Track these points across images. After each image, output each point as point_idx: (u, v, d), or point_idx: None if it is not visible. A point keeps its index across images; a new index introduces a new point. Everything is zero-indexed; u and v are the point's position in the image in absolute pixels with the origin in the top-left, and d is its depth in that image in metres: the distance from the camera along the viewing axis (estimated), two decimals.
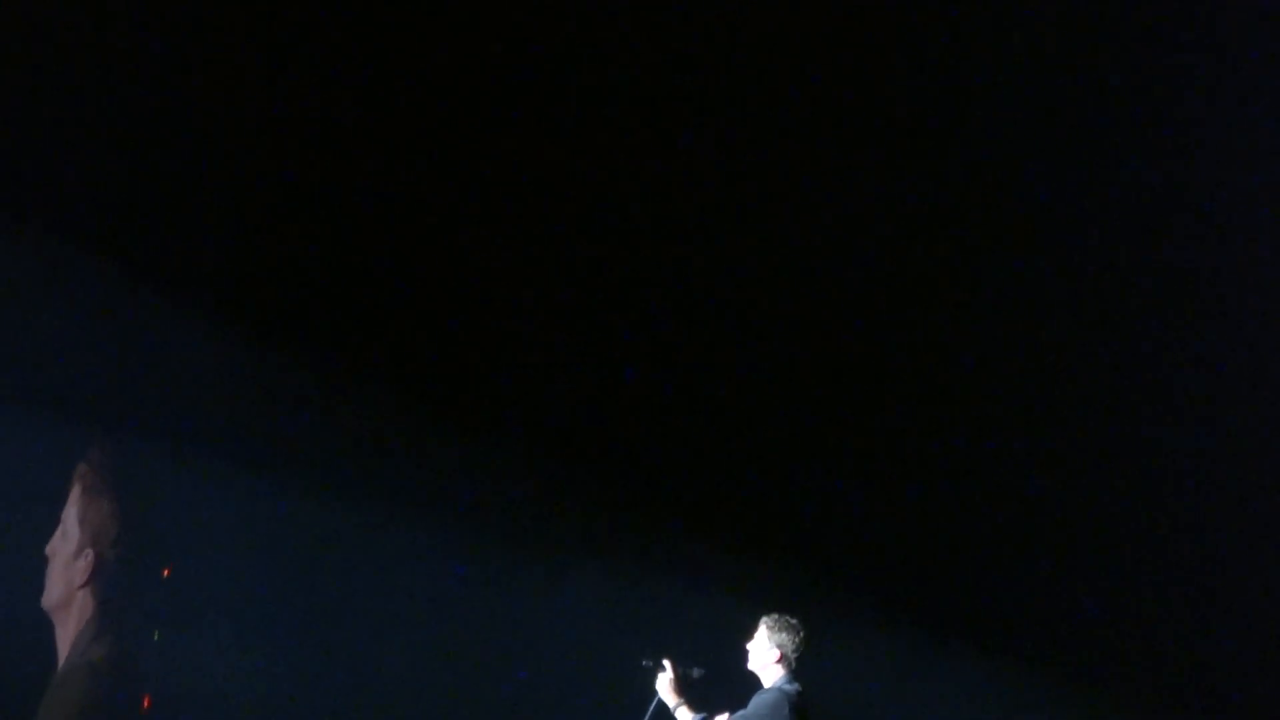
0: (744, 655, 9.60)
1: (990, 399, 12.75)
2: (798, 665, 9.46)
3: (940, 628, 12.12)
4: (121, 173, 12.44)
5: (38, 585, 11.73)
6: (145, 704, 11.41)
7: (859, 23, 12.81)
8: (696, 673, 9.54)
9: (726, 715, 9.34)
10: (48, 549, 11.75)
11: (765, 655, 9.46)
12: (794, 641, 9.44)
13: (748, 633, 9.60)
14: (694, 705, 9.44)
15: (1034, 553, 12.56)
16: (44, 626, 11.71)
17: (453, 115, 12.80)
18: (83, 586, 11.58)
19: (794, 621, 9.53)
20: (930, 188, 12.75)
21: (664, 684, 9.50)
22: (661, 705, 9.53)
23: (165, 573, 11.63)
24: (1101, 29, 12.79)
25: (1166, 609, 12.37)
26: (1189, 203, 12.79)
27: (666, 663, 9.53)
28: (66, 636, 11.54)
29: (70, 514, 11.79)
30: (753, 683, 9.54)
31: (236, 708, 11.73)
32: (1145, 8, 12.71)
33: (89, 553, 11.61)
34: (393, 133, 12.69)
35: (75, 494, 11.84)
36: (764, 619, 9.57)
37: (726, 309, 12.88)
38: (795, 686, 9.39)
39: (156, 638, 11.47)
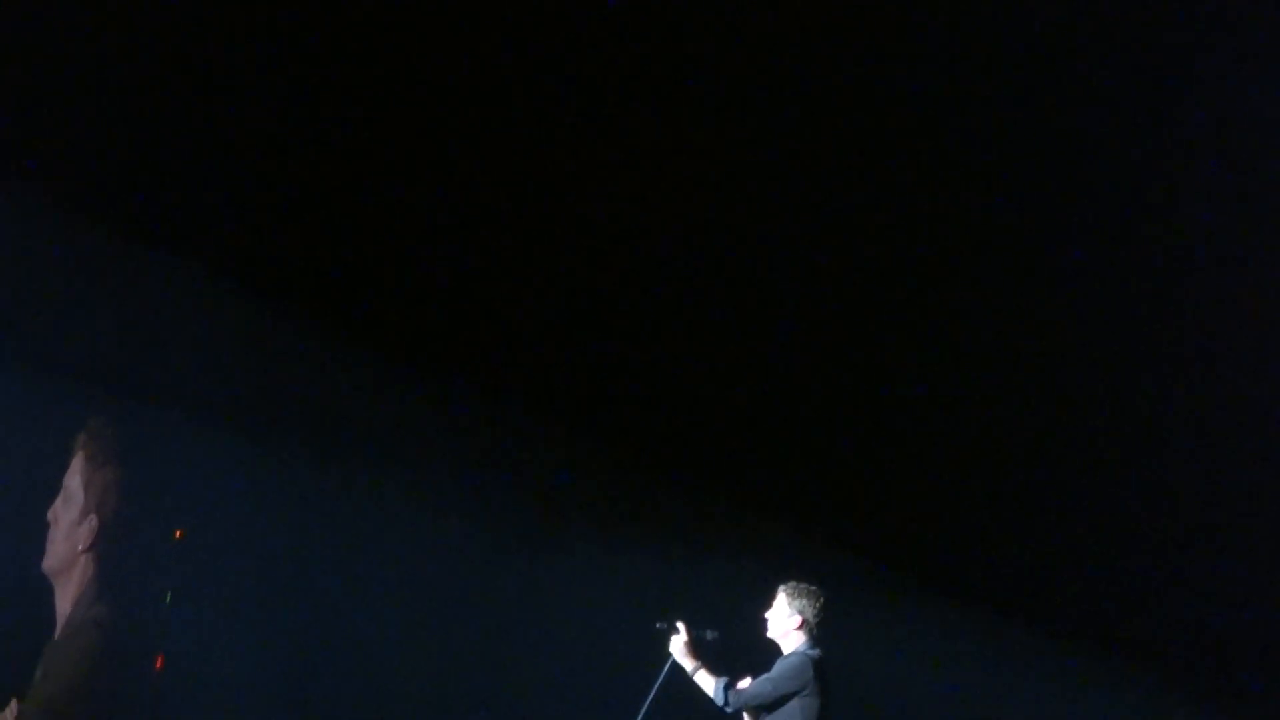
0: (762, 624, 9.55)
1: (1021, 361, 12.72)
2: (818, 631, 9.42)
3: (960, 595, 12.09)
4: (127, 134, 12.34)
5: (37, 550, 11.62)
6: (158, 664, 11.35)
7: (857, 21, 12.77)
8: (710, 635, 9.53)
9: (749, 679, 9.29)
10: (49, 514, 11.69)
11: (785, 622, 9.47)
12: (814, 607, 9.46)
13: (765, 601, 9.57)
14: (712, 669, 9.38)
15: (1055, 518, 12.55)
16: (43, 590, 11.60)
17: (453, 98, 12.74)
18: (85, 550, 11.50)
19: (813, 588, 9.53)
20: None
21: (678, 646, 9.45)
22: (675, 668, 9.48)
23: (178, 534, 11.56)
24: (1101, 27, 12.77)
25: (1185, 580, 12.35)
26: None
27: (680, 625, 9.48)
28: (67, 599, 11.50)
29: (74, 480, 11.75)
30: (770, 651, 9.48)
31: (246, 671, 11.64)
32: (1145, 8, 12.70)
33: (93, 517, 11.57)
34: (404, 103, 12.64)
35: (78, 461, 11.79)
36: (782, 587, 9.57)
37: (740, 270, 12.85)
38: (817, 652, 9.35)
39: (168, 600, 11.41)
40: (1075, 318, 12.78)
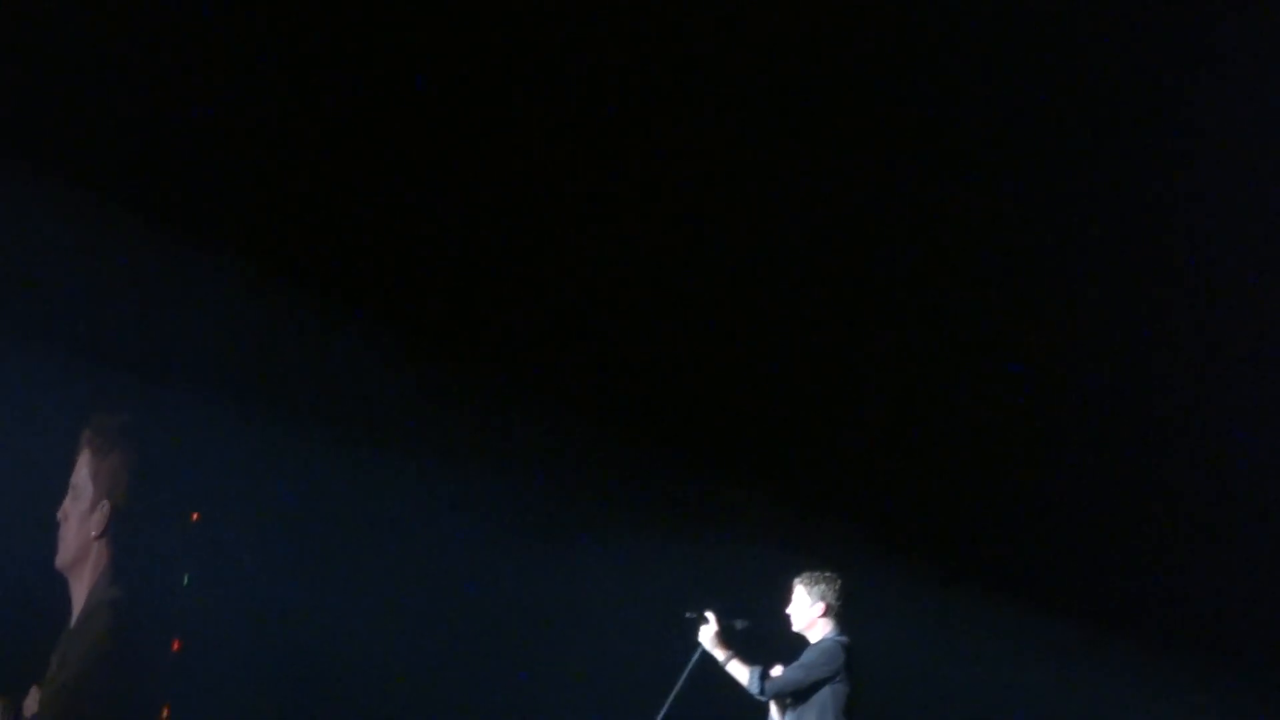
0: (786, 620, 9.54)
1: (1048, 344, 12.77)
2: (844, 615, 9.41)
3: (989, 582, 12.12)
4: (134, 119, 12.28)
5: (50, 545, 11.55)
6: (175, 646, 11.29)
7: (855, 21, 12.81)
8: (740, 624, 9.54)
9: (780, 668, 9.28)
10: (59, 513, 11.60)
11: (809, 612, 9.50)
12: (834, 591, 9.43)
13: (784, 597, 9.57)
14: (744, 658, 9.37)
15: (1083, 504, 12.58)
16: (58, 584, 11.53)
17: (471, 83, 12.71)
18: (99, 537, 11.43)
19: (828, 573, 9.52)
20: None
21: (708, 636, 9.45)
22: (704, 657, 9.47)
23: (194, 517, 11.50)
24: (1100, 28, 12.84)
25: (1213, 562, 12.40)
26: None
27: (709, 615, 9.47)
28: (83, 587, 11.42)
29: (81, 474, 11.68)
30: (797, 644, 9.48)
31: (259, 654, 11.62)
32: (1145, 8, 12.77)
33: (104, 504, 11.50)
34: (419, 88, 12.61)
35: (84, 456, 11.71)
36: (797, 579, 9.56)
37: (764, 249, 12.85)
38: (846, 638, 9.35)
39: (186, 582, 11.36)
40: (1091, 299, 12.87)
